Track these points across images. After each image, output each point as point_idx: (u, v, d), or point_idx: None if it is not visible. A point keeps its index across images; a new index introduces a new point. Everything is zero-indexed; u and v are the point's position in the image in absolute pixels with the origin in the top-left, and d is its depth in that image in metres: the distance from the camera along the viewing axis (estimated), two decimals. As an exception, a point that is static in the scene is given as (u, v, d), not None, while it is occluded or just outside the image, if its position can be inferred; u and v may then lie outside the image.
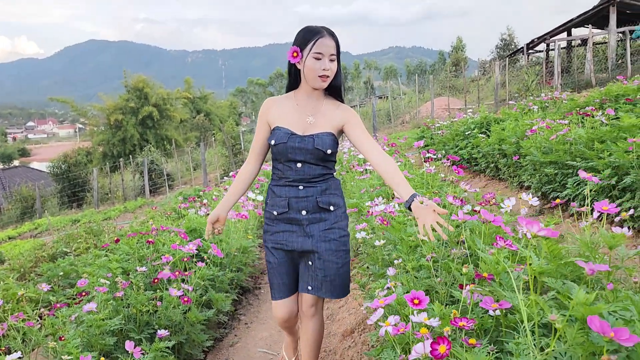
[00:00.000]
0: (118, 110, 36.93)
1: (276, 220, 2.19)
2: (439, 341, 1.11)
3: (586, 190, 3.86)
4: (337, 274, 2.15)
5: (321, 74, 2.02)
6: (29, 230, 16.11)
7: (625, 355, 1.06)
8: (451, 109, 20.93)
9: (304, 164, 2.09)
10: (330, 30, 2.07)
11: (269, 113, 2.19)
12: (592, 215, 1.93)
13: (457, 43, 54.12)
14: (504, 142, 6.01)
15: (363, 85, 66.32)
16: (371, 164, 2.09)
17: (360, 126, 2.15)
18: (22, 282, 6.29)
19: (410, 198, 1.85)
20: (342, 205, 2.22)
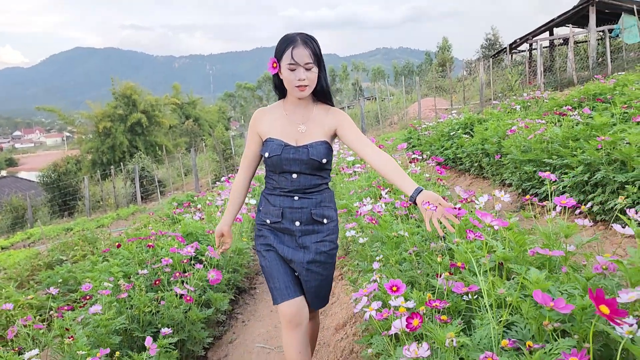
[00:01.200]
0: (106, 117, 36.87)
1: (268, 229, 2.18)
2: (413, 316, 1.31)
3: (549, 187, 4.10)
4: (321, 286, 2.19)
5: (297, 85, 1.98)
6: (22, 240, 16.14)
7: (570, 325, 1.26)
8: (438, 110, 21.24)
9: (299, 174, 2.07)
10: (306, 37, 2.00)
11: (260, 124, 2.15)
12: (555, 209, 2.14)
13: (443, 43, 54.60)
14: (486, 142, 6.24)
15: (351, 87, 66.58)
16: (370, 164, 2.05)
17: (353, 128, 2.11)
18: (20, 290, 6.41)
19: (415, 192, 1.82)
20: (335, 219, 2.22)
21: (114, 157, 36.01)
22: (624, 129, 3.85)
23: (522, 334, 1.34)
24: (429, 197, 1.75)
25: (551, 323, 1.12)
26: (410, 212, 3.27)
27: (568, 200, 1.90)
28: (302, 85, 1.98)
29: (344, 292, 3.80)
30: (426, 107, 21.26)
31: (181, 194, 14.28)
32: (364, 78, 77.37)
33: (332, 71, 71.04)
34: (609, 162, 3.69)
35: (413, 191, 1.83)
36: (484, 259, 1.66)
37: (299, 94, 2.01)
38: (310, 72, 1.98)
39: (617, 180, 3.46)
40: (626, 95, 6.48)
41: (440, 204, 1.70)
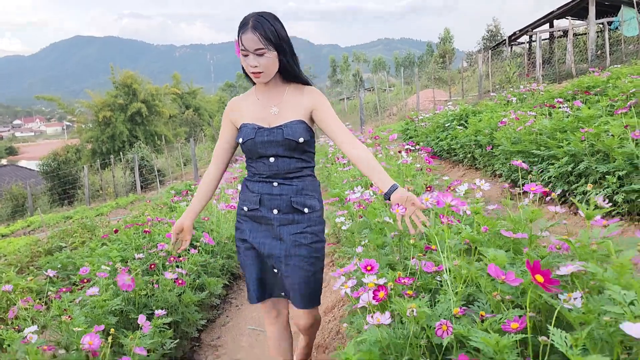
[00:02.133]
0: (106, 106, 36.86)
1: (245, 218, 2.09)
2: (379, 289, 1.42)
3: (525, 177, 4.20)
4: (305, 282, 2.01)
5: (250, 71, 1.90)
6: (22, 228, 16.27)
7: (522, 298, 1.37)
8: (437, 101, 21.29)
9: (277, 157, 1.97)
10: (259, 19, 1.86)
11: (233, 112, 2.09)
12: (528, 196, 2.25)
13: (445, 34, 54.40)
14: (479, 134, 6.35)
15: (352, 78, 66.45)
16: (347, 155, 1.97)
17: (331, 113, 2.02)
18: (20, 275, 6.54)
19: (390, 189, 1.78)
20: (319, 209, 2.09)
21: (113, 146, 36.06)
22: (607, 121, 3.95)
23: (483, 307, 1.46)
24: (402, 197, 1.72)
25: (501, 294, 1.23)
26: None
27: (537, 187, 2.01)
28: (255, 72, 1.89)
29: (334, 278, 3.92)
30: (425, 98, 21.31)
31: (180, 183, 14.40)
32: (364, 69, 77.28)
33: (334, 62, 70.87)
34: (592, 153, 3.80)
35: (388, 188, 1.79)
36: (451, 240, 1.77)
37: (255, 80, 1.95)
38: (262, 57, 1.86)
39: (599, 171, 3.57)
40: (619, 88, 6.57)
41: (413, 203, 1.67)
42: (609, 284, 1.06)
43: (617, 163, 3.44)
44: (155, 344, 2.93)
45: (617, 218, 3.58)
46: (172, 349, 3.17)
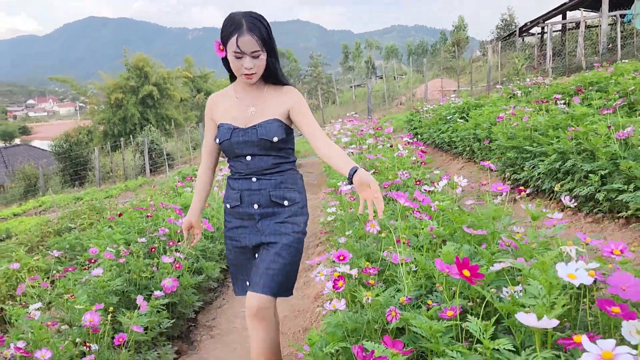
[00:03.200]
0: (118, 89, 37.14)
1: (230, 215, 2.14)
2: (339, 279, 1.58)
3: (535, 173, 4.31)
4: (281, 270, 1.98)
5: (244, 72, 1.90)
6: (33, 207, 16.62)
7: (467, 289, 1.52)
8: (446, 91, 21.26)
9: (253, 156, 2.00)
10: (253, 20, 1.87)
11: (214, 110, 2.12)
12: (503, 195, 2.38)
13: (459, 22, 53.81)
14: (478, 127, 6.45)
15: (364, 65, 66.08)
16: (318, 154, 1.99)
17: (307, 113, 2.03)
18: (30, 254, 6.79)
19: (351, 171, 1.77)
20: (300, 201, 2.10)
21: (125, 128, 36.40)
22: (595, 121, 4.05)
23: (440, 298, 1.61)
24: (361, 179, 1.72)
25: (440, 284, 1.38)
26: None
27: (504, 187, 2.15)
28: (249, 74, 1.91)
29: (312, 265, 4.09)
30: (435, 88, 21.31)
31: (187, 168, 14.62)
32: (377, 56, 76.84)
33: (345, 48, 70.46)
34: (579, 152, 3.91)
35: (349, 171, 1.77)
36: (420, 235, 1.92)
37: (247, 81, 1.95)
38: (258, 59, 1.89)
39: (584, 169, 3.68)
40: (620, 85, 6.62)
41: (369, 186, 1.67)
42: (530, 279, 1.21)
43: (601, 162, 3.55)
44: (152, 322, 3.12)
45: (601, 215, 3.71)
46: (169, 328, 3.37)
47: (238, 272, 2.20)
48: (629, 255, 1.36)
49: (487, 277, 1.44)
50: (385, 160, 4.83)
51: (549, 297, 1.11)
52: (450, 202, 2.19)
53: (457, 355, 1.12)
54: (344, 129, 8.93)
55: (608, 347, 0.82)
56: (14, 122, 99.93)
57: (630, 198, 3.14)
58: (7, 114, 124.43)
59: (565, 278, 1.08)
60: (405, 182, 3.84)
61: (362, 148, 5.95)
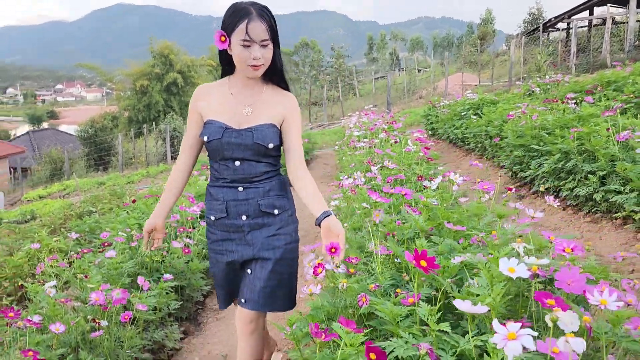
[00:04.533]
0: (144, 76, 37.71)
1: (214, 227, 1.98)
2: (319, 266, 1.71)
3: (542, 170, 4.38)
4: (280, 285, 1.92)
5: (251, 64, 1.76)
6: (58, 190, 17.13)
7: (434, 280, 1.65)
8: (468, 85, 21.12)
9: (242, 161, 1.85)
10: (262, 8, 1.77)
11: (201, 103, 1.92)
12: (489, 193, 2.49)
13: (486, 15, 53.04)
14: (490, 125, 6.49)
15: (388, 57, 65.68)
16: (289, 174, 1.91)
17: (298, 125, 1.94)
18: (52, 236, 7.09)
19: (322, 215, 1.72)
20: (289, 208, 1.99)
21: (149, 115, 36.99)
22: (597, 122, 4.09)
23: (411, 287, 1.74)
24: (332, 226, 1.69)
25: (409, 276, 1.51)
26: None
27: (490, 185, 2.25)
28: (257, 64, 1.77)
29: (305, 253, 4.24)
30: (457, 82, 21.20)
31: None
32: (402, 48, 76.31)
33: (371, 39, 70.09)
34: (581, 152, 3.96)
35: (320, 214, 1.73)
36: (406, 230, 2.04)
37: (253, 73, 1.80)
38: (266, 49, 1.77)
39: (584, 170, 3.75)
40: (638, 85, 6.59)
41: (337, 235, 1.67)
42: (482, 272, 1.33)
43: (601, 163, 3.61)
44: (160, 303, 3.31)
45: (599, 215, 3.78)
46: (177, 310, 3.56)
47: (224, 287, 2.03)
48: (578, 253, 1.46)
49: (453, 269, 1.57)
50: (393, 156, 4.94)
51: (492, 288, 1.23)
52: (440, 199, 2.30)
53: (409, 337, 1.25)
54: (359, 122, 9.05)
55: (513, 329, 0.94)
56: (43, 106, 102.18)
57: (624, 199, 3.20)
58: (36, 98, 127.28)
59: (505, 272, 1.20)
60: (408, 178, 3.96)
61: (373, 142, 6.06)
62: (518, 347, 0.91)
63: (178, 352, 3.29)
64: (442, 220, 2.18)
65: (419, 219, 2.06)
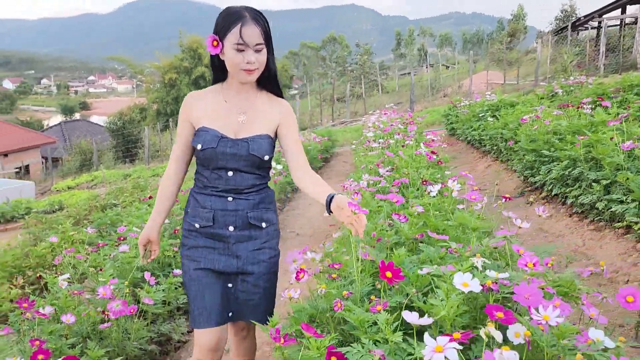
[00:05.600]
0: (172, 69, 38.32)
1: (196, 234, 1.89)
2: (301, 271, 1.82)
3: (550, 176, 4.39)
4: (262, 299, 1.91)
5: (245, 68, 1.73)
6: (86, 181, 17.63)
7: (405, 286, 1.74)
8: (494, 84, 20.89)
9: (236, 172, 1.81)
10: (256, 12, 1.75)
11: (193, 110, 1.87)
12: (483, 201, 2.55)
13: (518, 11, 52.12)
14: (506, 127, 6.49)
15: (416, 53, 65.18)
16: (295, 181, 1.90)
17: (295, 128, 1.92)
18: (76, 227, 7.36)
19: (327, 198, 1.67)
20: (275, 222, 1.97)
21: (177, 108, 37.54)
22: (604, 131, 4.08)
23: (388, 294, 1.83)
24: (338, 203, 1.62)
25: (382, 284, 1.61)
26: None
27: (477, 195, 2.32)
28: (251, 69, 1.74)
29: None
30: (484, 80, 20.98)
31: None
32: (430, 43, 75.61)
33: (399, 35, 69.63)
34: (588, 160, 3.97)
35: (327, 198, 1.67)
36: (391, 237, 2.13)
37: (246, 78, 1.77)
38: (260, 53, 1.74)
39: (590, 177, 3.76)
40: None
41: (342, 208, 1.59)
42: (441, 284, 1.41)
43: (606, 172, 3.62)
44: (169, 297, 3.47)
45: (603, 223, 3.79)
46: (185, 304, 3.71)
47: (199, 298, 1.88)
48: (538, 268, 1.53)
49: (424, 279, 1.66)
50: (403, 158, 5.00)
51: (447, 300, 1.32)
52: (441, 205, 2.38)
53: (369, 343, 1.35)
54: (379, 120, 9.09)
55: (441, 342, 1.03)
56: (75, 97, 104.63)
57: (623, 209, 3.22)
58: (68, 89, 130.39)
59: (458, 286, 1.28)
60: (414, 181, 4.03)
61: (388, 143, 6.11)
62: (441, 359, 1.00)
63: (184, 345, 3.44)
64: (430, 228, 2.26)
65: (404, 227, 2.15)
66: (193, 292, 1.89)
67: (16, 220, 11.09)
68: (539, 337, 1.24)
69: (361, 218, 1.56)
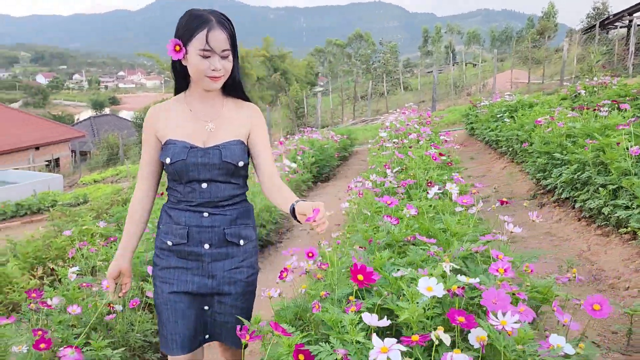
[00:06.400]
0: (198, 65, 38.82)
1: (168, 252, 1.77)
2: (285, 271, 1.88)
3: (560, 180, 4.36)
4: (239, 320, 1.78)
5: (210, 75, 1.64)
6: (112, 175, 18.03)
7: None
8: (520, 83, 20.60)
9: (210, 183, 1.71)
10: (221, 16, 1.67)
11: (157, 123, 1.76)
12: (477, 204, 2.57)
13: (549, 9, 51.14)
14: (522, 129, 6.43)
15: (443, 50, 64.54)
16: (263, 185, 1.78)
17: (265, 137, 1.83)
18: (96, 220, 7.57)
19: (290, 208, 1.59)
20: (254, 239, 1.85)
21: (203, 104, 38.13)
22: (615, 135, 4.03)
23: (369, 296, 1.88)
24: (301, 209, 1.54)
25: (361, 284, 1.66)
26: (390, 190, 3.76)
27: (468, 199, 2.34)
28: (217, 76, 1.66)
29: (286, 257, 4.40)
30: (509, 79, 20.71)
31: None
32: (458, 41, 74.80)
33: (426, 32, 69.01)
34: (597, 164, 3.93)
35: (291, 205, 1.59)
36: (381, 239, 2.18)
37: (211, 85, 1.68)
38: (226, 60, 1.66)
39: (597, 182, 3.73)
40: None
41: (304, 214, 1.51)
42: (406, 288, 1.45)
43: (613, 177, 3.58)
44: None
45: (610, 228, 3.75)
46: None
47: (172, 324, 1.76)
48: (509, 274, 1.56)
49: (402, 281, 1.70)
50: (413, 159, 5.02)
51: (412, 303, 1.36)
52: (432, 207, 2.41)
53: (337, 342, 1.40)
54: (397, 120, 9.08)
55: (387, 344, 1.08)
56: (105, 92, 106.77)
57: (628, 215, 3.19)
58: (99, 84, 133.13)
59: (422, 291, 1.32)
60: (420, 183, 4.05)
61: (402, 143, 6.12)
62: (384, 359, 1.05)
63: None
64: (421, 231, 2.29)
65: (394, 229, 2.19)
66: (165, 317, 1.76)
67: (42, 212, 11.44)
68: (497, 341, 1.28)
69: (322, 221, 1.48)
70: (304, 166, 7.70)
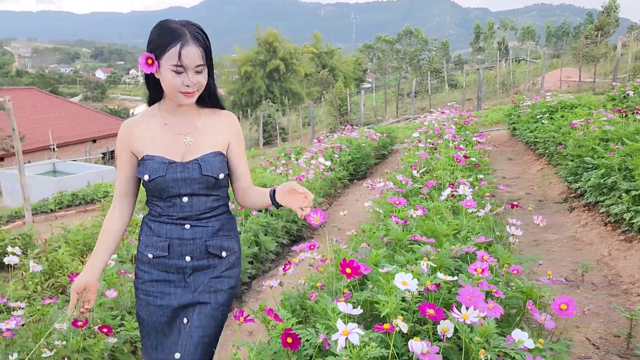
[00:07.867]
0: (248, 62, 39.60)
1: (149, 265, 1.74)
2: (288, 263, 2.05)
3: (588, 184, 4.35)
4: (215, 335, 1.73)
5: (183, 90, 1.60)
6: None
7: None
8: (572, 82, 20.02)
9: (191, 197, 1.68)
10: (196, 29, 1.61)
11: (132, 139, 1.71)
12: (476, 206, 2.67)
13: (610, 3, 49.05)
14: (558, 131, 6.36)
15: (496, 46, 62.92)
16: (237, 197, 1.82)
17: (242, 146, 1.83)
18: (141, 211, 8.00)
19: (271, 193, 1.66)
20: (237, 250, 1.82)
21: (251, 100, 38.90)
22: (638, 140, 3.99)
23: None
24: (281, 190, 1.62)
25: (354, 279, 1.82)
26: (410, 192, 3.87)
27: (472, 204, 2.45)
28: (191, 92, 1.62)
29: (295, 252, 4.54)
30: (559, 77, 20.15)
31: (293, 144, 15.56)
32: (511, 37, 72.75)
33: (478, 28, 67.48)
34: (623, 169, 3.91)
35: (269, 193, 1.68)
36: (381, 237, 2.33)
37: (184, 100, 1.64)
38: (200, 75, 1.62)
39: (622, 187, 3.72)
40: None
41: (294, 188, 1.57)
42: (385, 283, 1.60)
43: (638, 182, 3.57)
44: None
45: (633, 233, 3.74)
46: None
47: (152, 336, 1.75)
48: (486, 274, 1.68)
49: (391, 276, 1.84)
50: (441, 160, 5.09)
51: (389, 296, 1.51)
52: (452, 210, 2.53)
53: (322, 328, 1.57)
54: (436, 119, 9.09)
55: (349, 328, 1.24)
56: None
57: (645, 222, 3.19)
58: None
59: (398, 285, 1.47)
60: (443, 184, 4.14)
61: (436, 143, 6.17)
62: (342, 341, 1.21)
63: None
64: (427, 232, 2.42)
65: (397, 229, 2.33)
66: (147, 329, 1.76)
67: (95, 202, 12.10)
68: (463, 333, 1.41)
69: (306, 196, 1.56)
70: (340, 164, 7.86)
